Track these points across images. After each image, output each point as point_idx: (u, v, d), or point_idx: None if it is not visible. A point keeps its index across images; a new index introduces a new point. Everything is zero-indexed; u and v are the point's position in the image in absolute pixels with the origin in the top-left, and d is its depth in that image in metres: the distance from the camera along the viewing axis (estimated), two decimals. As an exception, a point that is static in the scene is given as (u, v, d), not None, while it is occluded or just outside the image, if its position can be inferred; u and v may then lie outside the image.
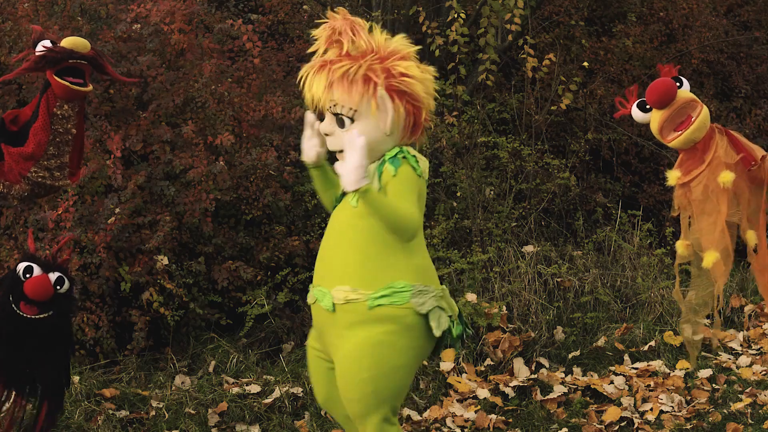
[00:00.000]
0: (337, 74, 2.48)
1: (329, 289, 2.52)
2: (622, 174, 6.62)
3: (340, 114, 2.51)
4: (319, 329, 2.65)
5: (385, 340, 2.48)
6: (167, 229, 4.23)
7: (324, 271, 2.58)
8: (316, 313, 2.62)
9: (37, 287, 2.71)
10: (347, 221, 2.54)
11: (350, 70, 2.47)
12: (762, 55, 7.60)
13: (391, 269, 2.50)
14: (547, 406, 3.97)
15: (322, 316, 2.58)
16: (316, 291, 2.58)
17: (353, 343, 2.49)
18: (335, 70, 2.48)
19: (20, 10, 4.61)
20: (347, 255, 2.52)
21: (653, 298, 4.92)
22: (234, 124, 4.71)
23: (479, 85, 5.89)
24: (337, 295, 2.50)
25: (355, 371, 2.49)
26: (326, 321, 2.56)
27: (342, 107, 2.50)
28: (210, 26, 5.47)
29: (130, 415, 3.77)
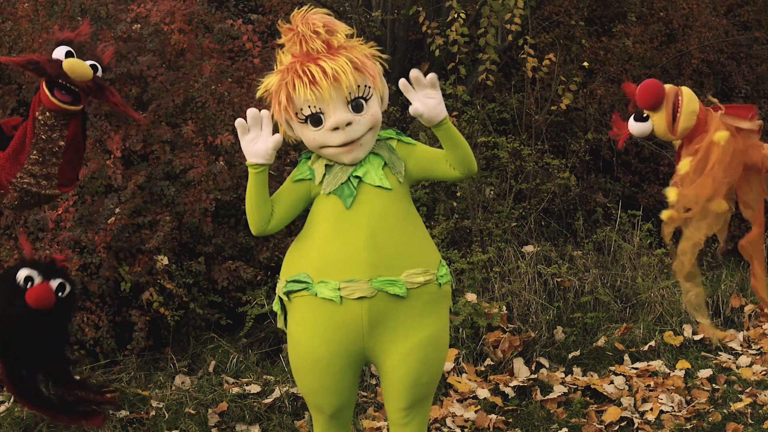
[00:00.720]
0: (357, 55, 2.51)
1: (396, 276, 2.50)
2: (622, 174, 6.62)
3: (360, 96, 2.53)
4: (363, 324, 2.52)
5: (446, 319, 2.65)
6: (167, 229, 4.23)
7: (380, 259, 2.50)
8: (370, 307, 2.50)
9: (39, 298, 2.69)
10: (386, 206, 2.54)
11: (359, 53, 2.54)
12: (762, 55, 7.60)
13: (432, 247, 2.63)
14: (547, 406, 3.97)
15: (381, 308, 2.50)
16: (377, 282, 2.49)
17: (431, 327, 2.56)
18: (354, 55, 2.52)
19: (20, 10, 4.61)
20: (403, 239, 2.54)
21: (653, 298, 4.92)
22: (234, 124, 4.70)
23: (479, 85, 5.89)
24: (413, 279, 2.51)
25: (435, 352, 2.58)
26: (389, 310, 2.51)
27: (360, 88, 2.52)
28: (210, 26, 5.47)
29: (130, 415, 3.77)
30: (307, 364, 2.61)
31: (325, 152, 2.57)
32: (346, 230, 2.53)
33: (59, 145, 2.61)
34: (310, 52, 2.52)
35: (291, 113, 2.54)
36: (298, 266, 2.59)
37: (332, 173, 2.58)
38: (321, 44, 2.51)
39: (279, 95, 2.54)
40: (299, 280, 2.57)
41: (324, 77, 2.46)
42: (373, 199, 2.54)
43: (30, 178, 2.62)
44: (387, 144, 2.63)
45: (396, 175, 2.58)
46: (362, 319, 2.51)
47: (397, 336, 2.53)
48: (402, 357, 2.54)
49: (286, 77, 2.52)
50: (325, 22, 2.55)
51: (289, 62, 2.55)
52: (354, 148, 2.54)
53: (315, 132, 2.53)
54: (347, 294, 2.49)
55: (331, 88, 2.47)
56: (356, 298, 2.49)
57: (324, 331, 2.55)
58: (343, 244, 2.52)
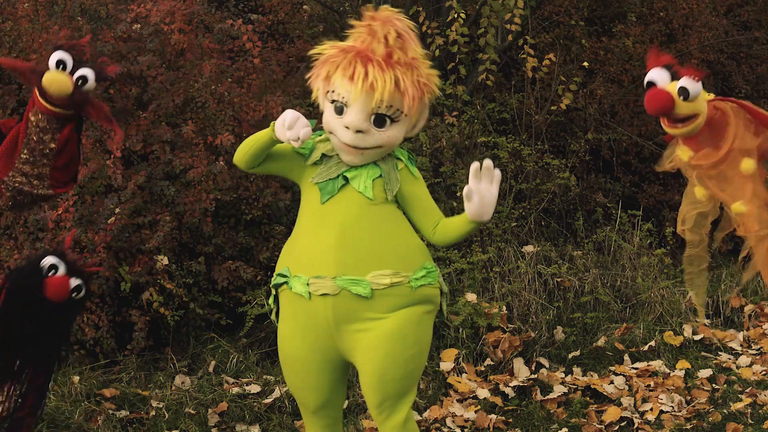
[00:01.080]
0: (407, 78, 2.50)
1: (362, 276, 2.52)
2: (622, 174, 6.62)
3: (387, 115, 2.53)
4: (328, 323, 2.57)
5: (425, 318, 2.61)
6: (167, 229, 4.23)
7: (345, 258, 2.53)
8: (331, 304, 2.54)
9: (56, 289, 2.69)
10: (363, 210, 2.57)
11: (412, 77, 2.52)
12: (762, 55, 7.60)
13: (417, 251, 2.63)
14: (547, 406, 3.97)
15: (345, 306, 2.54)
16: (341, 281, 2.53)
17: (396, 321, 2.55)
18: (404, 74, 2.50)
19: (20, 10, 4.61)
20: (376, 241, 2.56)
21: (653, 298, 4.92)
22: (234, 124, 4.71)
23: (479, 85, 5.89)
24: (379, 280, 2.53)
25: (401, 349, 2.55)
26: (353, 309, 2.54)
27: (390, 108, 2.52)
28: (210, 26, 5.47)
29: (130, 415, 3.77)
30: (288, 361, 2.68)
31: (332, 138, 2.61)
32: (320, 226, 2.58)
33: (50, 147, 2.62)
34: (369, 50, 2.52)
35: (323, 89, 2.58)
36: (284, 260, 2.69)
37: (327, 165, 2.62)
38: (383, 50, 2.51)
39: (323, 68, 2.56)
40: (282, 274, 2.65)
41: (363, 80, 2.48)
42: (351, 201, 2.57)
43: (22, 177, 2.63)
44: (394, 162, 2.65)
45: (387, 191, 2.60)
46: (328, 316, 2.56)
47: (363, 333, 2.56)
48: (366, 353, 2.56)
49: (337, 57, 2.53)
50: (402, 33, 2.55)
51: (349, 46, 2.56)
52: (355, 153, 2.57)
53: (333, 117, 2.57)
54: (314, 290, 2.56)
55: (362, 92, 2.48)
56: (321, 295, 2.54)
57: (299, 328, 2.62)
58: (315, 240, 2.58)
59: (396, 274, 2.55)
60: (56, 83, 2.52)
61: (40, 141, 2.60)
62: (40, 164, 2.63)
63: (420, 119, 2.64)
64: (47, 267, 2.69)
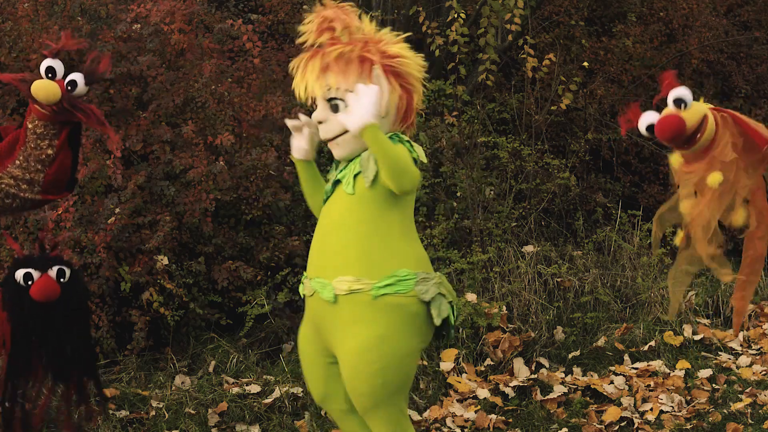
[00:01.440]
0: (332, 56, 2.46)
1: (329, 280, 2.48)
2: (622, 174, 6.62)
3: (335, 98, 2.48)
4: (316, 323, 2.60)
5: (390, 331, 2.46)
6: (167, 229, 4.23)
7: (322, 261, 2.52)
8: (314, 305, 2.58)
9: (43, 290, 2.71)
10: (344, 210, 2.50)
11: (345, 51, 2.45)
12: (762, 55, 7.60)
13: (394, 258, 2.48)
14: (547, 406, 3.97)
15: (321, 309, 2.54)
16: (315, 282, 2.53)
17: (359, 338, 2.46)
18: (329, 53, 2.46)
19: (20, 10, 4.61)
20: (348, 244, 2.48)
21: (653, 298, 4.92)
22: (234, 124, 4.71)
23: (479, 85, 5.89)
24: (340, 285, 2.46)
25: (363, 365, 2.46)
26: (326, 313, 2.52)
27: (337, 90, 2.47)
28: (210, 26, 5.47)
29: (130, 415, 3.77)
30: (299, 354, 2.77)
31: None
32: (317, 229, 2.61)
33: (47, 153, 2.64)
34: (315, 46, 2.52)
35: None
36: None
37: (333, 172, 2.63)
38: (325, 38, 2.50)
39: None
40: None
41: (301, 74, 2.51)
42: (337, 202, 2.54)
43: (10, 179, 2.65)
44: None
45: (365, 179, 2.47)
46: (314, 315, 2.61)
47: (335, 341, 2.55)
48: (341, 364, 2.56)
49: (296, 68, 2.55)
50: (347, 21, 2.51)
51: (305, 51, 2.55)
52: (332, 146, 2.56)
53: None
54: (303, 290, 2.63)
55: (304, 85, 2.50)
56: (304, 295, 2.62)
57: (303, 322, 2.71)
58: (313, 241, 2.61)
59: (357, 280, 2.45)
60: (43, 91, 2.54)
61: (36, 147, 2.63)
62: (33, 170, 2.64)
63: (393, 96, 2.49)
64: (23, 280, 2.71)
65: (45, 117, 2.59)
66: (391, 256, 2.48)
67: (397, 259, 2.48)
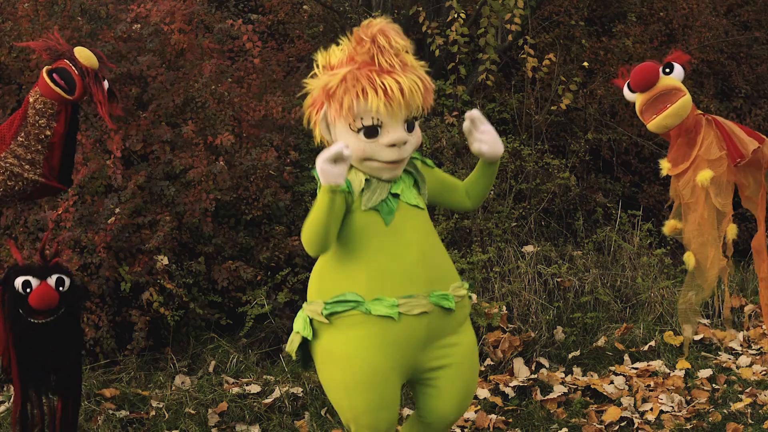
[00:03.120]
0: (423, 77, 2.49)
1: (446, 290, 2.55)
2: (622, 174, 6.62)
3: (415, 118, 2.52)
4: (420, 339, 2.52)
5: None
6: (167, 229, 4.23)
7: (432, 275, 2.53)
8: (426, 321, 2.50)
9: (42, 299, 2.71)
10: (423, 225, 2.58)
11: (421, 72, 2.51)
12: (762, 55, 7.61)
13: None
14: (547, 406, 3.97)
15: (436, 321, 2.53)
16: (434, 297, 2.51)
17: (469, 335, 2.66)
18: (425, 79, 2.49)
19: (20, 10, 4.61)
20: (444, 255, 2.62)
21: (653, 298, 4.92)
22: (234, 124, 4.71)
23: (479, 85, 5.89)
24: (458, 292, 2.58)
25: (474, 358, 2.66)
26: (442, 323, 2.55)
27: (417, 111, 2.50)
28: (210, 26, 5.48)
29: (130, 415, 3.77)
30: (364, 379, 2.49)
31: (368, 164, 2.50)
32: (395, 247, 2.49)
33: (45, 134, 2.69)
34: (382, 65, 2.44)
35: (347, 120, 2.45)
36: (342, 286, 2.50)
37: (371, 189, 2.52)
38: (397, 61, 2.45)
39: (342, 98, 2.43)
40: (346, 300, 2.48)
41: (400, 93, 2.41)
42: (411, 216, 2.55)
43: (14, 159, 2.68)
44: (413, 163, 2.65)
45: (423, 195, 2.63)
46: (420, 333, 2.51)
47: (450, 349, 2.57)
48: (457, 369, 2.58)
49: (354, 83, 2.42)
50: (402, 39, 2.51)
51: (351, 70, 2.44)
52: (398, 167, 2.53)
53: (366, 143, 2.46)
54: (406, 310, 2.47)
55: (402, 104, 2.43)
56: (417, 314, 2.48)
57: (381, 347, 2.48)
58: (396, 260, 2.49)
59: (462, 285, 2.63)
60: (86, 52, 2.69)
61: (35, 125, 2.67)
62: (33, 150, 2.68)
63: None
64: (21, 288, 2.72)
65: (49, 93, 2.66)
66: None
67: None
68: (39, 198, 3.29)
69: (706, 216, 2.61)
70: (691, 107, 2.64)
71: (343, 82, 2.43)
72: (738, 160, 2.61)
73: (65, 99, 2.67)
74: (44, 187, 2.77)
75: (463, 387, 2.61)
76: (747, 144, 2.64)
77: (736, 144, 2.62)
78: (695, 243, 2.64)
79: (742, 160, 2.62)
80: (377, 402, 2.51)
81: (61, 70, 2.66)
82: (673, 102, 2.61)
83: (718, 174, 2.60)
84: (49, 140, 2.69)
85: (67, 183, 2.82)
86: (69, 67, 2.66)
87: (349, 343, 2.50)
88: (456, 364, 2.57)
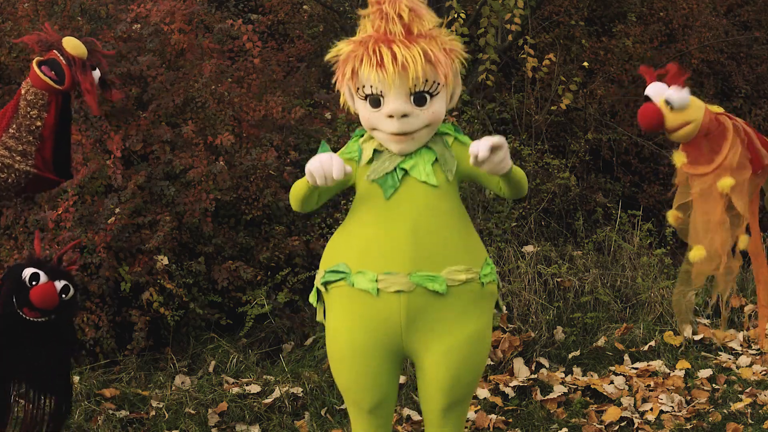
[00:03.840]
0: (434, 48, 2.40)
1: (437, 272, 2.42)
2: (622, 174, 6.63)
3: (426, 91, 2.42)
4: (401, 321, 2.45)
5: (490, 319, 2.55)
6: (167, 229, 4.23)
7: (422, 253, 2.43)
8: (408, 301, 2.43)
9: (44, 297, 2.70)
10: (432, 201, 2.46)
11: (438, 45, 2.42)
12: (762, 55, 7.61)
13: (479, 244, 2.55)
14: (547, 406, 3.97)
15: (421, 303, 2.43)
16: (417, 277, 2.42)
17: (471, 327, 2.48)
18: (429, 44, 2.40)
19: (20, 10, 4.62)
20: (449, 235, 2.46)
21: (653, 298, 4.92)
22: (234, 124, 4.71)
23: (479, 85, 5.89)
24: (455, 276, 2.43)
25: (474, 354, 2.50)
26: (429, 307, 2.44)
27: (426, 83, 2.42)
28: (210, 26, 5.48)
29: (130, 415, 3.77)
30: (345, 355, 2.51)
31: (376, 134, 2.50)
32: (388, 221, 2.45)
33: (36, 125, 2.70)
34: (387, 32, 2.41)
35: (353, 87, 2.47)
36: (338, 256, 2.51)
37: (380, 160, 2.51)
38: (400, 28, 2.40)
39: (346, 66, 2.44)
40: (337, 270, 2.49)
41: (393, 62, 2.36)
42: (417, 193, 2.47)
43: (5, 150, 2.70)
44: (443, 139, 2.54)
45: (446, 172, 2.49)
46: (399, 313, 2.44)
47: (437, 334, 2.46)
48: (442, 356, 2.47)
49: (357, 51, 2.42)
50: (413, 6, 2.44)
51: (365, 36, 2.44)
52: (405, 140, 2.46)
53: (371, 112, 2.46)
54: (384, 287, 2.42)
55: (396, 75, 2.37)
56: (393, 291, 2.42)
57: (362, 322, 2.47)
58: (384, 235, 2.45)
59: (468, 270, 2.46)
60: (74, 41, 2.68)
61: (27, 116, 2.70)
62: (25, 141, 2.69)
63: (456, 88, 2.52)
64: (29, 278, 2.71)
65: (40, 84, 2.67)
66: (477, 242, 2.54)
67: (482, 246, 2.56)
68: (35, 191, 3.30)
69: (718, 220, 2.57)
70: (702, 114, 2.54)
71: (350, 50, 2.44)
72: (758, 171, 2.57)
73: (55, 89, 2.68)
74: (39, 180, 2.77)
75: (448, 377, 2.48)
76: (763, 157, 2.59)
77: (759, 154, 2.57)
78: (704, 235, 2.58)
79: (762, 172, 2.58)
80: (357, 379, 2.52)
81: (51, 61, 2.67)
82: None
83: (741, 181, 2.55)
84: (40, 131, 2.70)
85: (66, 176, 2.82)
86: (58, 58, 2.67)
87: (336, 318, 2.52)
88: (444, 351, 2.47)
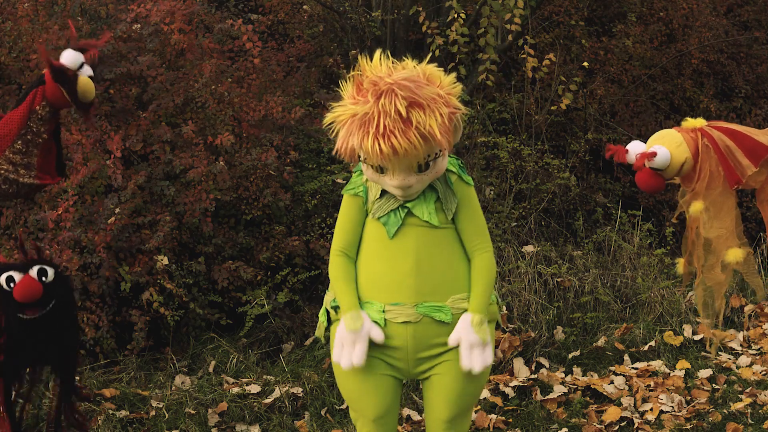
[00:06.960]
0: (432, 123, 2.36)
1: (442, 302, 2.54)
2: (622, 174, 6.62)
3: (429, 159, 2.45)
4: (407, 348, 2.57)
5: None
6: (167, 229, 4.23)
7: (426, 286, 2.54)
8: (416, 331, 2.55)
9: (25, 290, 2.70)
10: (430, 238, 2.55)
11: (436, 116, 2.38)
12: (762, 55, 7.61)
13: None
14: (547, 406, 3.97)
15: (429, 332, 2.55)
16: (424, 308, 2.54)
17: None
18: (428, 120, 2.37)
19: (20, 10, 4.62)
20: (450, 266, 2.57)
21: (653, 298, 4.92)
22: (234, 124, 4.71)
23: (479, 85, 5.89)
24: (459, 305, 2.56)
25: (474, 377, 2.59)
26: (432, 335, 2.55)
27: (428, 156, 2.43)
28: (210, 26, 5.48)
29: (130, 415, 3.77)
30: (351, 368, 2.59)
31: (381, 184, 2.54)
32: (392, 256, 2.55)
33: (43, 137, 2.71)
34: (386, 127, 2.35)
35: (356, 153, 2.46)
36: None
37: (384, 199, 2.57)
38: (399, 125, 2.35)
39: (346, 143, 2.42)
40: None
41: (393, 154, 2.36)
42: (418, 231, 2.55)
43: (9, 165, 2.69)
44: (446, 176, 2.59)
45: (446, 211, 2.58)
46: (407, 342, 2.56)
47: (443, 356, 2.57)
48: (447, 367, 2.57)
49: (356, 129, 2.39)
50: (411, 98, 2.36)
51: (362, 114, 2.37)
52: (409, 195, 2.53)
53: (374, 175, 2.50)
54: (392, 317, 2.54)
55: (400, 162, 2.41)
56: (401, 322, 2.53)
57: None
58: (389, 269, 2.55)
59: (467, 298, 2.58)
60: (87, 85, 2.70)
61: (38, 133, 2.69)
62: (31, 154, 2.71)
63: (457, 134, 2.51)
64: (5, 283, 2.72)
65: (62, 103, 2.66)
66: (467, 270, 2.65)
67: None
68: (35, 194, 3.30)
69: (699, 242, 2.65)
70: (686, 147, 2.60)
71: (349, 121, 2.41)
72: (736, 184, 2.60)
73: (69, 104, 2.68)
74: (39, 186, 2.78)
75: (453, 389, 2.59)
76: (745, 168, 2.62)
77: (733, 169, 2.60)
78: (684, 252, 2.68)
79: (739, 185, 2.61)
80: (361, 391, 2.62)
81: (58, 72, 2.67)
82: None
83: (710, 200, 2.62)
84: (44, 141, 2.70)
85: (61, 174, 2.83)
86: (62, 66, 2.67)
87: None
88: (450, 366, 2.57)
